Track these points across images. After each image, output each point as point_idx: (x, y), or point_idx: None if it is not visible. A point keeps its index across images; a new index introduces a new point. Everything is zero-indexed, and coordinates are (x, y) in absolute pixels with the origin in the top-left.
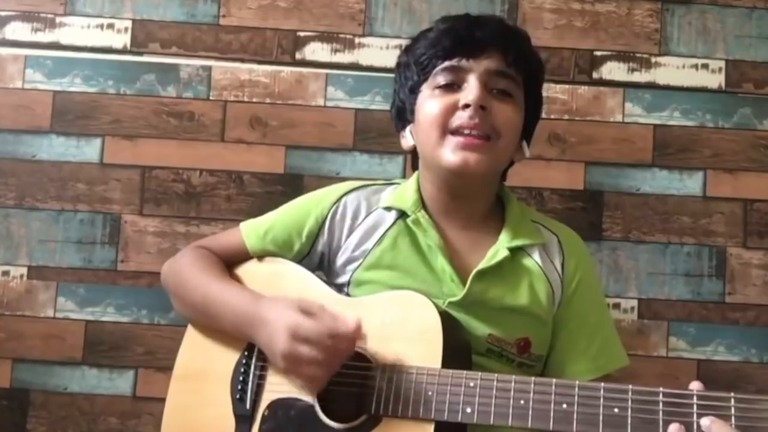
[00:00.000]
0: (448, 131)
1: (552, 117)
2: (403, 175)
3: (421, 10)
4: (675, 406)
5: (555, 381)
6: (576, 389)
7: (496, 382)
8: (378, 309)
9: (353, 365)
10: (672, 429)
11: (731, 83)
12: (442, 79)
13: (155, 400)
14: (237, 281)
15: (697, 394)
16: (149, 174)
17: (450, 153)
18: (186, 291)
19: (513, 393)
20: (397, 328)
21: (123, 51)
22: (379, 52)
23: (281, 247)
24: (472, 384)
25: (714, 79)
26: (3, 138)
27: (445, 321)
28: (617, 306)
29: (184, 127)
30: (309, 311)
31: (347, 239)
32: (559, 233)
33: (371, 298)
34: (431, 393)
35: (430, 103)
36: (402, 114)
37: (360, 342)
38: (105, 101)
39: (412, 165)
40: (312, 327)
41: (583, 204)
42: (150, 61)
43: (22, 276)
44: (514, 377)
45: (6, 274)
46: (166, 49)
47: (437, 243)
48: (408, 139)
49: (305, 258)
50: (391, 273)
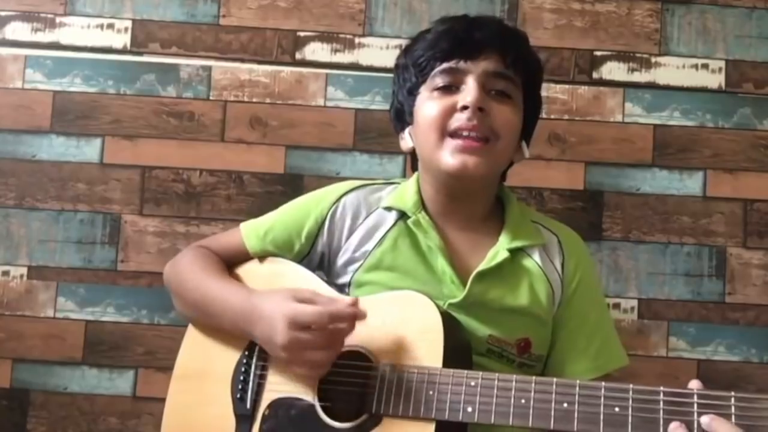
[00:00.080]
0: (446, 133)
1: (552, 117)
2: (403, 175)
3: (421, 10)
4: (675, 405)
5: (556, 380)
6: (577, 388)
7: (497, 381)
8: (379, 309)
9: (354, 364)
10: (672, 427)
11: (731, 83)
12: (440, 81)
13: (155, 400)
14: (237, 281)
15: (698, 393)
16: (149, 174)
17: (449, 156)
18: (186, 290)
19: (514, 392)
20: (399, 327)
21: (123, 51)
22: (379, 52)
23: (281, 248)
24: (473, 383)
25: (714, 79)
26: (3, 138)
27: (447, 321)
28: (617, 306)
29: (184, 127)
30: (304, 299)
31: (348, 240)
32: (559, 233)
33: (372, 298)
34: (432, 392)
35: (428, 105)
36: (401, 116)
37: (360, 320)
38: (105, 101)
39: (411, 166)
40: (310, 312)
41: (583, 204)
42: (150, 61)
43: (22, 276)
44: (515, 377)
45: (6, 274)
46: (166, 49)
47: (437, 244)
48: (407, 141)
49: (305, 258)
50: (392, 274)
